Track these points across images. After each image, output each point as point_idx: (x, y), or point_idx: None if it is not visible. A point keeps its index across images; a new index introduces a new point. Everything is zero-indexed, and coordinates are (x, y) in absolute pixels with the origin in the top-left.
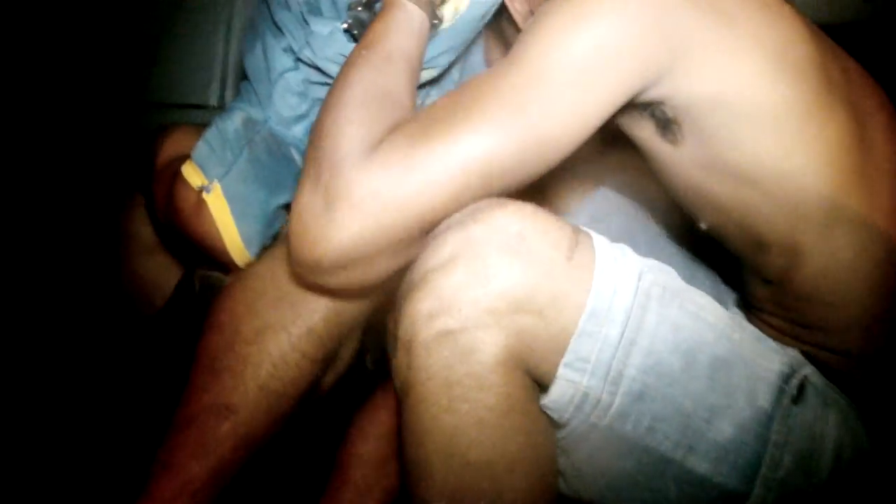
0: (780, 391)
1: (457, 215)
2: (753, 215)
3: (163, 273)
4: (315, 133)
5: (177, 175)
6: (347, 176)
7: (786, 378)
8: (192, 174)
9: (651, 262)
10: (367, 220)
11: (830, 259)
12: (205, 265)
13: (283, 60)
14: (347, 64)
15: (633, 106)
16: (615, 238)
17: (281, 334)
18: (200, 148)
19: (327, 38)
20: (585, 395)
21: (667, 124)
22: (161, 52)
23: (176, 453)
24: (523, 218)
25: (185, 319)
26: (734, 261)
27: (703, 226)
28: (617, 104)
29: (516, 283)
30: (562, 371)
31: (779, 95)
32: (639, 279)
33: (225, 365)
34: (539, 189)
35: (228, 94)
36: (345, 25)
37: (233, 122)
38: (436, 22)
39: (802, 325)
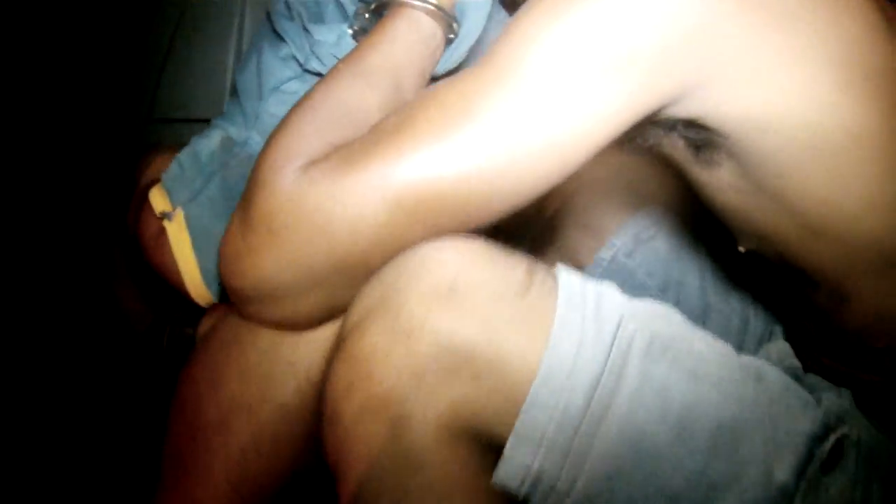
0: (808, 457)
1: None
2: (795, 248)
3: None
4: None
5: (144, 199)
6: (271, 196)
7: (817, 440)
8: (157, 199)
9: (640, 306)
10: (284, 249)
11: (882, 303)
12: (178, 308)
13: (280, 72)
14: (319, 80)
15: (654, 123)
16: (663, 259)
17: (248, 416)
18: (171, 170)
19: (334, 46)
20: (538, 478)
21: (699, 146)
22: (168, 66)
23: None
24: (458, 262)
25: (156, 379)
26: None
27: (741, 248)
28: (623, 123)
29: (444, 343)
30: (509, 448)
31: (844, 119)
32: (617, 328)
33: (191, 454)
34: (578, 208)
35: None
36: (351, 31)
37: (209, 143)
38: (452, 36)
39: (853, 365)
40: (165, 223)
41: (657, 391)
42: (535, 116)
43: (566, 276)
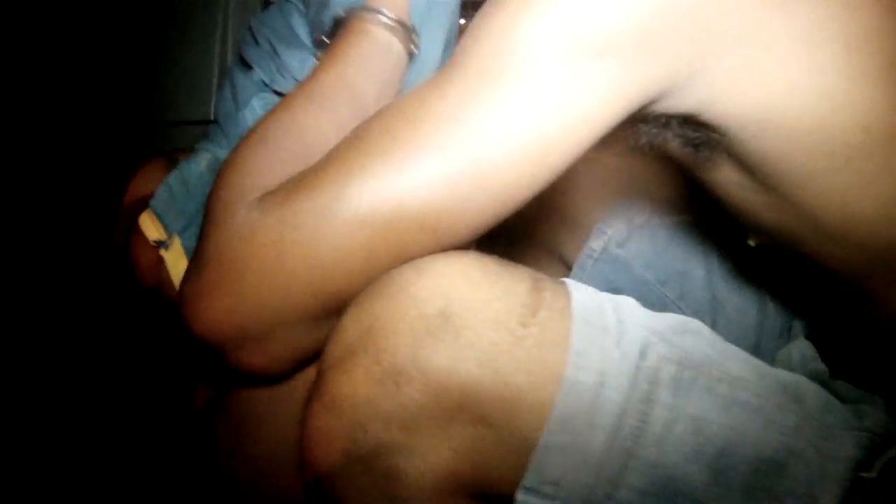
0: (852, 485)
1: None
2: (810, 248)
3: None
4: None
5: (134, 225)
6: (222, 233)
7: (861, 465)
8: (149, 225)
9: (665, 323)
10: (238, 288)
11: None
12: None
13: (252, 91)
14: (271, 108)
15: (647, 121)
16: (661, 247)
17: None
18: (160, 194)
19: (298, 70)
20: None
21: (697, 145)
22: (155, 68)
23: None
24: (448, 284)
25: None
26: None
27: (751, 242)
28: (609, 118)
29: (439, 384)
30: (521, 497)
31: (860, 114)
32: (641, 355)
33: None
34: (559, 194)
35: None
36: (316, 60)
37: (197, 166)
38: (415, 52)
39: (882, 373)
40: (162, 252)
41: (690, 426)
42: (512, 118)
43: (580, 293)
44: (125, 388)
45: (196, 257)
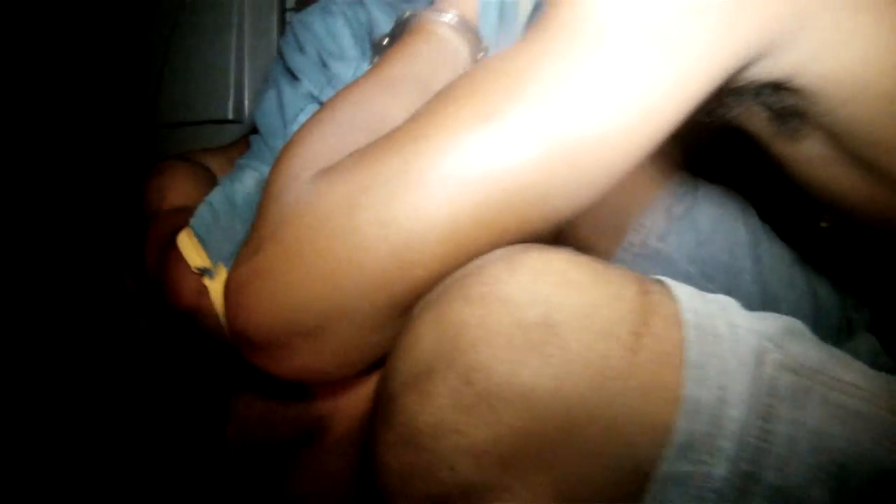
0: None
1: (448, 280)
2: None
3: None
4: None
5: (172, 247)
6: (282, 207)
7: None
8: (190, 250)
9: (770, 324)
10: (295, 267)
11: None
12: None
13: (299, 105)
14: (338, 91)
15: (738, 91)
16: (705, 239)
17: None
18: (202, 214)
19: (352, 80)
20: None
21: (785, 116)
22: (170, 68)
23: None
24: (551, 288)
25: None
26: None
27: (823, 224)
28: (707, 86)
29: (543, 409)
30: None
31: None
32: (758, 364)
33: None
34: None
35: (246, 105)
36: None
37: (242, 185)
38: (481, 55)
39: None
40: (206, 282)
41: (811, 442)
42: (612, 78)
43: (685, 294)
44: (146, 416)
45: (248, 241)
